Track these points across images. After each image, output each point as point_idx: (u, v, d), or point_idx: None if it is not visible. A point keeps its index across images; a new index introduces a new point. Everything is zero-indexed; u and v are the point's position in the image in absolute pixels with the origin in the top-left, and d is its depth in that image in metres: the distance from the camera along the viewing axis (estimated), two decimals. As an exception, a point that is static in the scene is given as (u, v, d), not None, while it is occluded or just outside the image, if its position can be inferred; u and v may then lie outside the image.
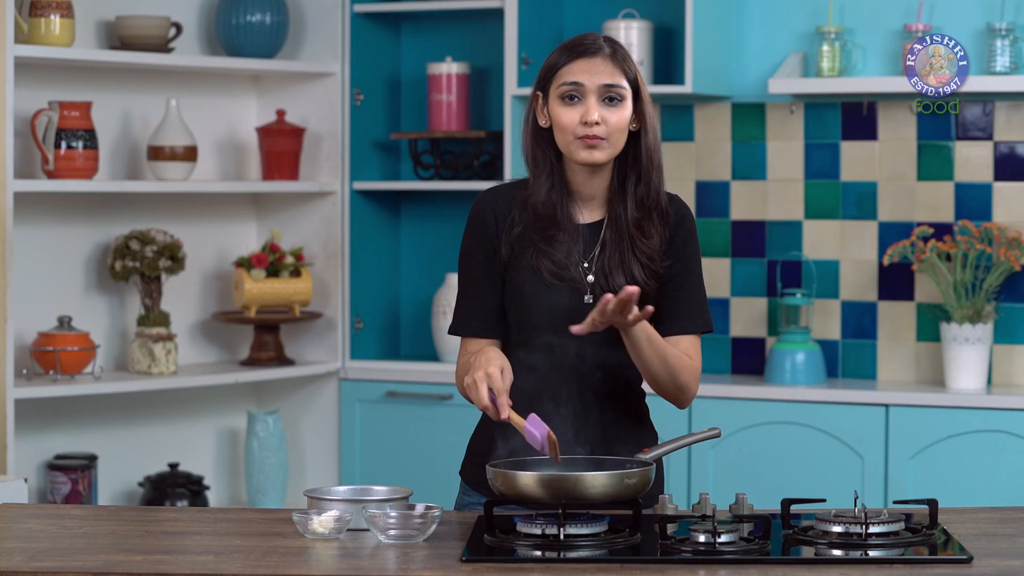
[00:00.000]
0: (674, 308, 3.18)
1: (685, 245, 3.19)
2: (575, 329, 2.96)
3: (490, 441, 3.16)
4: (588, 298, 3.13)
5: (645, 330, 3.05)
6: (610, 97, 3.09)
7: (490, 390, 2.95)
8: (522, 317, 3.15)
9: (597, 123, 3.08)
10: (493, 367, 2.95)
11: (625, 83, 3.11)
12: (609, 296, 2.92)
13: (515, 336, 3.18)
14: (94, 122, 4.97)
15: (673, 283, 3.18)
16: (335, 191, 5.48)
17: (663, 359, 3.09)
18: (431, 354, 5.53)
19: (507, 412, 2.93)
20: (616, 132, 3.10)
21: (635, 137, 3.15)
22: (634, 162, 3.15)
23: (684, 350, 3.17)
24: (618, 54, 3.12)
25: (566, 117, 3.11)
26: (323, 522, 2.84)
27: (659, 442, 3.22)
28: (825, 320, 5.25)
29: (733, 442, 4.98)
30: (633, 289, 2.91)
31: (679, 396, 3.18)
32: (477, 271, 3.19)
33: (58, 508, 3.31)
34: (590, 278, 3.14)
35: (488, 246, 3.18)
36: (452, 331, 3.24)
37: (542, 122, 3.16)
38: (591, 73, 3.10)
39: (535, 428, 2.91)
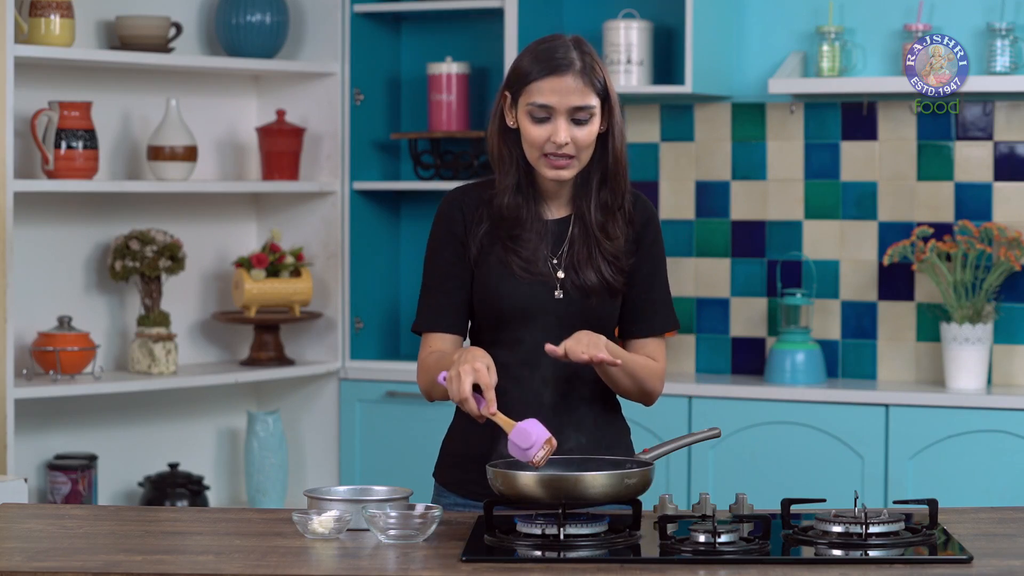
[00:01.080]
0: (643, 309, 3.20)
1: (653, 246, 3.20)
2: (549, 349, 2.98)
3: (464, 441, 3.17)
4: (558, 293, 3.13)
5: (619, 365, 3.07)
6: (577, 119, 3.07)
7: (474, 386, 2.94)
8: (492, 313, 3.15)
9: (566, 143, 3.07)
10: (480, 363, 2.94)
11: (594, 100, 3.07)
12: (584, 356, 2.95)
13: (485, 334, 3.17)
14: (94, 122, 4.97)
15: (641, 284, 3.19)
16: (335, 191, 5.48)
17: (631, 375, 3.14)
18: (431, 354, 5.52)
19: (494, 408, 2.92)
20: (584, 149, 3.09)
21: (602, 140, 3.13)
22: (600, 165, 3.14)
23: (651, 352, 3.21)
24: (587, 67, 3.07)
25: (534, 133, 3.09)
26: (323, 522, 2.84)
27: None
28: (825, 320, 5.25)
29: (733, 442, 4.98)
30: (605, 358, 2.95)
31: (645, 400, 3.22)
32: (445, 268, 3.18)
33: (58, 508, 3.31)
34: (560, 274, 3.14)
35: (456, 243, 3.17)
36: (416, 328, 3.21)
37: (510, 122, 3.15)
38: (561, 94, 3.06)
39: (533, 430, 2.89)
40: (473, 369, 2.93)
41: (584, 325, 3.11)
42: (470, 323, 3.22)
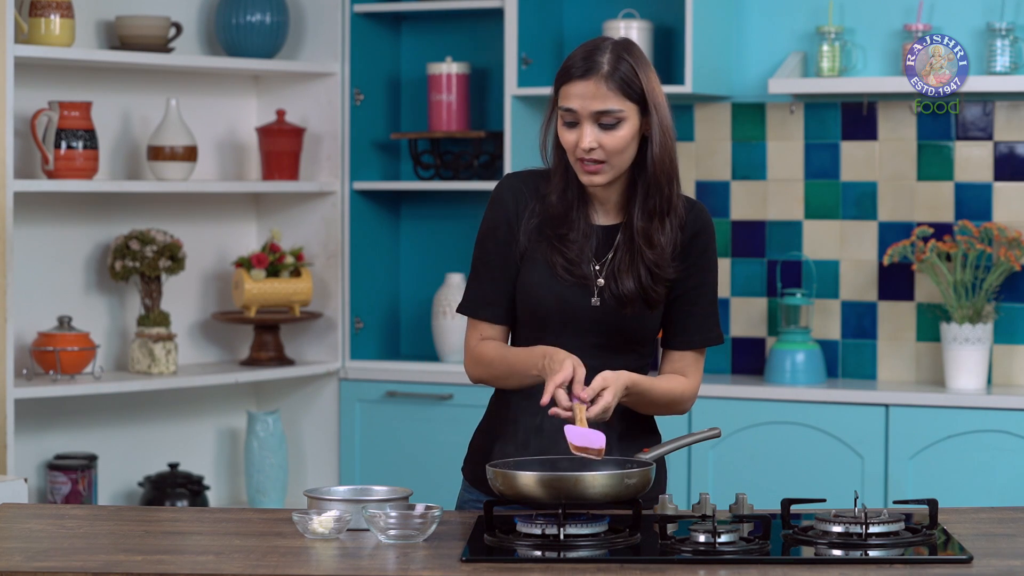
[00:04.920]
0: (684, 322, 3.18)
1: (701, 257, 3.16)
2: (543, 402, 2.97)
3: (490, 440, 3.16)
4: (595, 300, 3.12)
5: (638, 396, 3.09)
6: (604, 124, 3.06)
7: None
8: (530, 310, 3.14)
9: (593, 148, 3.05)
10: (581, 367, 2.96)
11: (619, 105, 3.04)
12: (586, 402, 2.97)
13: (523, 331, 3.17)
14: (94, 122, 4.97)
15: (686, 296, 3.16)
16: (335, 191, 5.48)
17: (665, 404, 3.16)
18: (431, 354, 5.53)
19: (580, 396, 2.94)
20: (615, 154, 3.06)
21: (646, 144, 3.11)
22: (643, 171, 3.12)
23: (685, 367, 3.20)
24: (615, 71, 3.05)
25: (566, 138, 3.09)
26: (323, 522, 2.84)
27: (661, 442, 3.22)
28: (825, 320, 5.25)
29: (733, 442, 4.98)
30: (593, 415, 2.95)
31: (676, 414, 3.26)
32: (494, 252, 3.16)
33: (58, 508, 3.31)
34: (600, 281, 3.13)
35: (508, 228, 3.15)
36: (462, 310, 3.20)
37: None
38: (583, 98, 3.04)
39: (593, 433, 2.91)
40: (575, 365, 2.95)
41: (619, 335, 3.10)
42: (518, 319, 3.20)
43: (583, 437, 2.90)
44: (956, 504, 4.33)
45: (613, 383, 2.99)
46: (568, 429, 2.91)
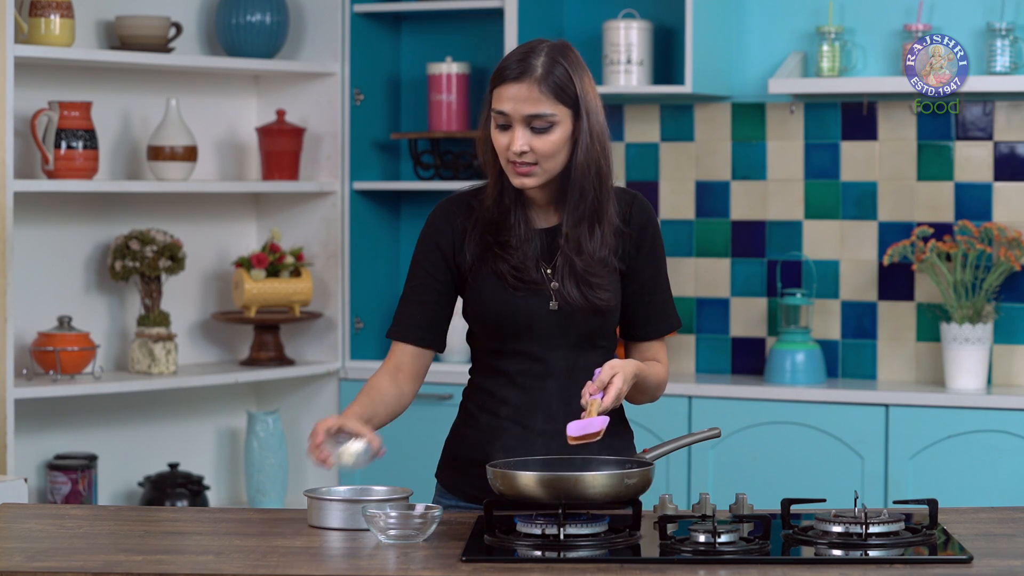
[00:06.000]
0: (646, 312, 3.19)
1: (653, 247, 3.17)
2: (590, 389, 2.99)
3: (466, 445, 3.17)
4: (553, 304, 3.10)
5: (641, 382, 3.10)
6: (536, 127, 3.03)
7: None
8: (488, 322, 3.13)
9: (524, 152, 3.04)
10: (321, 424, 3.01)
11: (551, 109, 3.02)
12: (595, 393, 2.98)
13: (487, 343, 3.16)
14: (94, 122, 4.97)
15: (643, 289, 3.17)
16: (335, 191, 5.48)
17: (644, 391, 3.16)
18: (431, 354, 5.52)
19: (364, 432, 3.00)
20: (547, 158, 3.04)
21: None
22: (569, 175, 3.09)
23: (655, 355, 3.22)
24: (549, 74, 3.02)
25: (498, 140, 3.07)
26: (349, 450, 2.85)
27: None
28: (825, 320, 5.25)
29: (733, 442, 4.98)
30: (606, 405, 2.96)
31: (654, 400, 3.26)
32: (422, 278, 3.16)
33: (58, 508, 3.31)
34: (555, 284, 3.11)
35: (437, 256, 3.15)
36: (390, 335, 3.19)
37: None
38: (516, 101, 3.02)
39: (592, 421, 2.92)
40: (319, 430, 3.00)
41: (582, 335, 3.10)
42: (472, 332, 3.19)
43: (581, 428, 2.91)
44: (956, 504, 4.33)
45: (621, 370, 3.00)
46: (570, 425, 2.92)
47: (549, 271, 3.11)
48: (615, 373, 2.98)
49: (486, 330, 3.14)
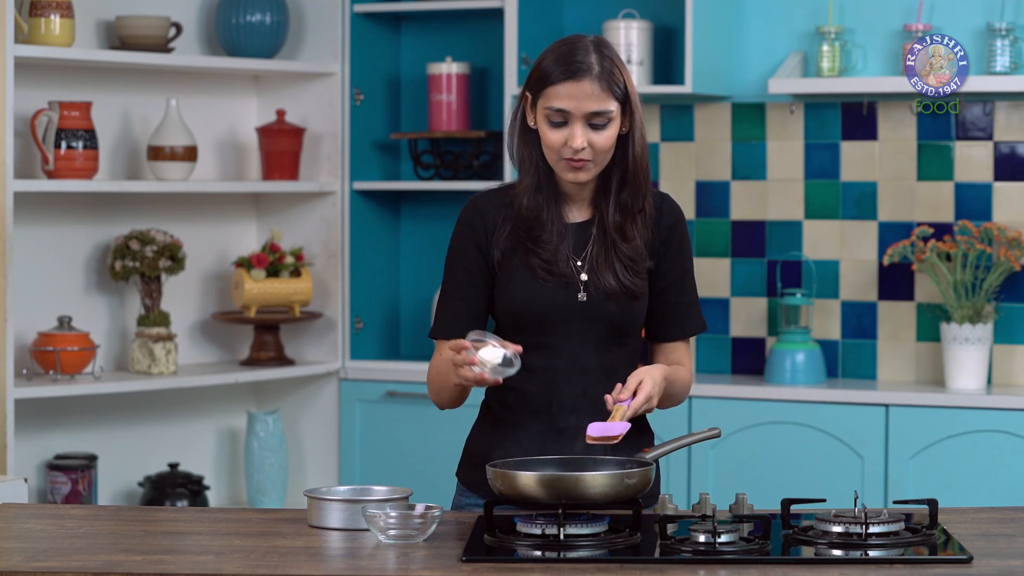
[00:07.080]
0: (671, 313, 3.20)
1: (681, 247, 3.19)
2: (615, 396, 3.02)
3: (487, 443, 3.16)
4: (582, 296, 3.12)
5: (668, 387, 3.13)
6: (595, 124, 3.06)
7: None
8: (516, 315, 3.14)
9: (583, 148, 3.06)
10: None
11: (612, 105, 3.06)
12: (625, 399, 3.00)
13: (513, 336, 3.16)
14: (94, 122, 4.97)
15: (670, 289, 3.19)
16: (335, 191, 5.48)
17: (679, 393, 3.20)
18: (431, 354, 5.51)
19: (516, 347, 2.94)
20: (602, 153, 3.08)
21: (623, 141, 3.12)
22: (620, 167, 3.13)
23: (679, 357, 3.24)
24: (606, 71, 3.05)
25: (552, 137, 3.08)
26: (489, 354, 2.87)
27: (658, 441, 3.22)
28: (825, 320, 5.25)
29: (733, 442, 4.98)
30: (634, 410, 2.99)
31: (678, 404, 3.29)
32: (463, 275, 3.17)
33: (58, 508, 3.31)
34: (583, 276, 3.13)
35: (475, 251, 3.16)
36: (433, 334, 3.20)
37: (531, 122, 3.14)
38: (578, 99, 3.05)
39: (614, 425, 2.92)
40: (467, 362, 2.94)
41: (610, 328, 3.11)
42: (499, 327, 3.20)
43: (602, 430, 2.92)
44: (956, 504, 4.33)
45: (649, 374, 3.02)
46: (591, 426, 2.93)
47: (579, 263, 3.13)
48: (642, 379, 3.00)
49: (515, 323, 3.15)
